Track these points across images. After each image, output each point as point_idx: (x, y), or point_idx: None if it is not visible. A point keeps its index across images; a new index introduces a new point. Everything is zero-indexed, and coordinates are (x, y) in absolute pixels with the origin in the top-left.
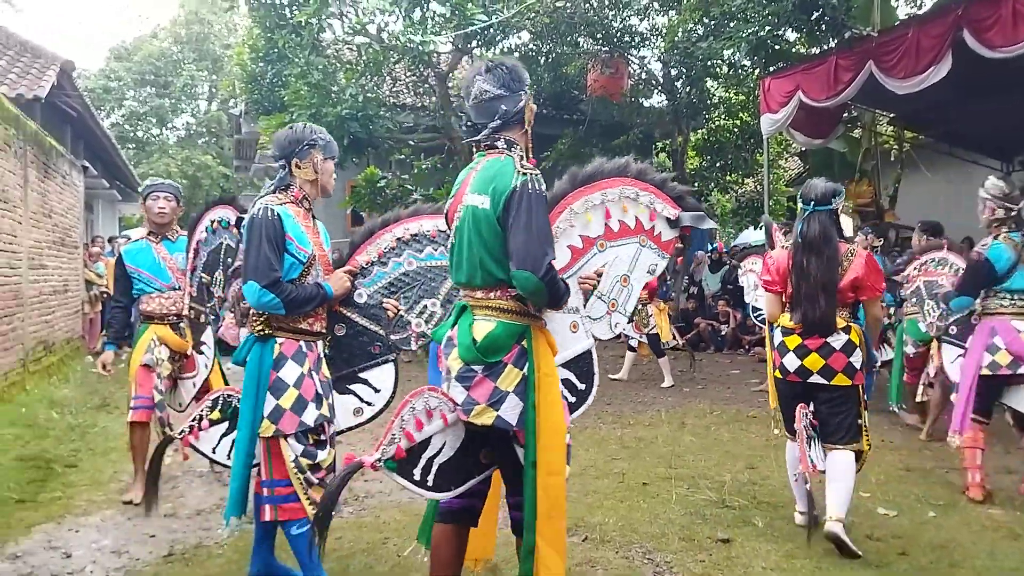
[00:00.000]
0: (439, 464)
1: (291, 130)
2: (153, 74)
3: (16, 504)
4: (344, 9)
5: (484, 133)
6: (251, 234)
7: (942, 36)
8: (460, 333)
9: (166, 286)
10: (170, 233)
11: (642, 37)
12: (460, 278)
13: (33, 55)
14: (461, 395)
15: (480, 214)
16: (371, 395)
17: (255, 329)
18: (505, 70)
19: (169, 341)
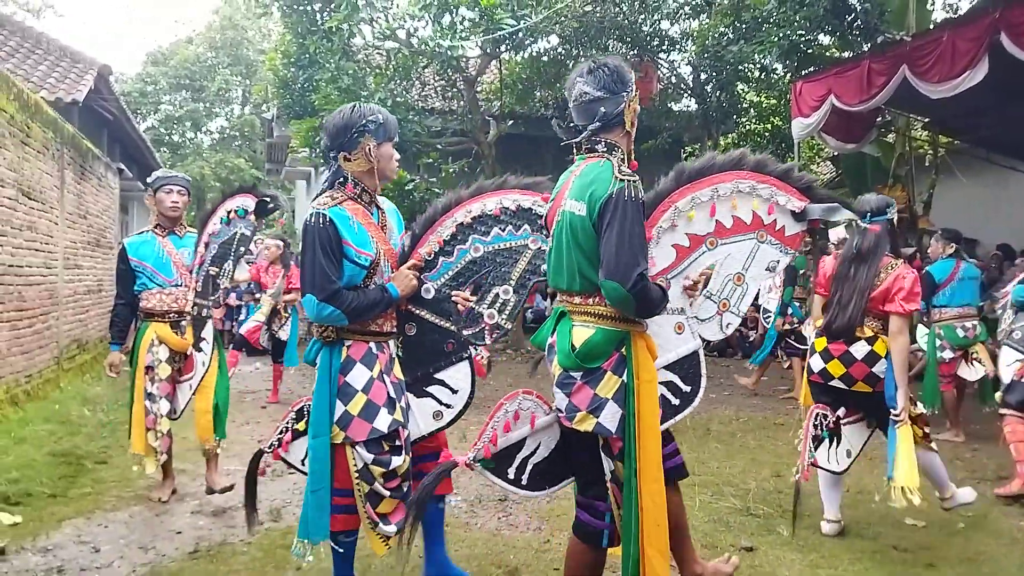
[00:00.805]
0: (533, 464)
1: (339, 115)
2: (188, 79)
3: (48, 499)
4: (374, 15)
5: (584, 135)
6: (305, 244)
7: (978, 40)
8: (559, 339)
9: (169, 282)
10: (178, 228)
11: (672, 41)
12: (559, 283)
13: (72, 60)
14: (563, 401)
15: (576, 221)
16: (449, 396)
17: (320, 333)
18: (607, 72)
19: (169, 341)
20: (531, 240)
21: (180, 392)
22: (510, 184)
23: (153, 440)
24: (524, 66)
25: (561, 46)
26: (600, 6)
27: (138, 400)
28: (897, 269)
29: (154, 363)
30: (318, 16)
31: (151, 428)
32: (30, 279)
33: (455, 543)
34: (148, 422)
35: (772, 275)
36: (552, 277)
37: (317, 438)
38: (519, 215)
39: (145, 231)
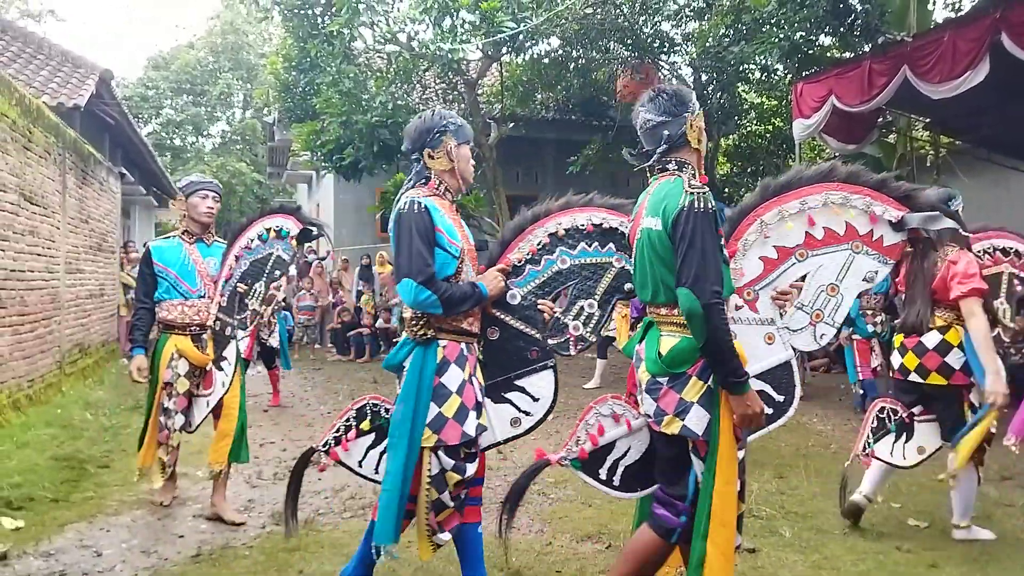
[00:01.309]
0: (624, 466)
1: (420, 119)
2: (190, 83)
3: (50, 503)
4: (375, 18)
5: (654, 158)
6: (400, 229)
7: (979, 40)
8: (647, 348)
9: (192, 292)
10: (206, 236)
11: (673, 43)
12: (645, 296)
13: (74, 65)
14: (651, 406)
15: (654, 236)
16: (529, 404)
17: (415, 332)
18: (666, 97)
19: (190, 355)
20: (615, 259)
21: (196, 406)
22: (597, 202)
23: (164, 454)
24: (525, 68)
25: (562, 48)
26: (601, 8)
27: (154, 414)
28: (949, 255)
29: (173, 379)
30: (319, 20)
31: (163, 443)
32: (32, 284)
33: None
34: (161, 437)
35: (870, 285)
36: (639, 291)
37: (403, 440)
38: (606, 233)
39: (172, 236)
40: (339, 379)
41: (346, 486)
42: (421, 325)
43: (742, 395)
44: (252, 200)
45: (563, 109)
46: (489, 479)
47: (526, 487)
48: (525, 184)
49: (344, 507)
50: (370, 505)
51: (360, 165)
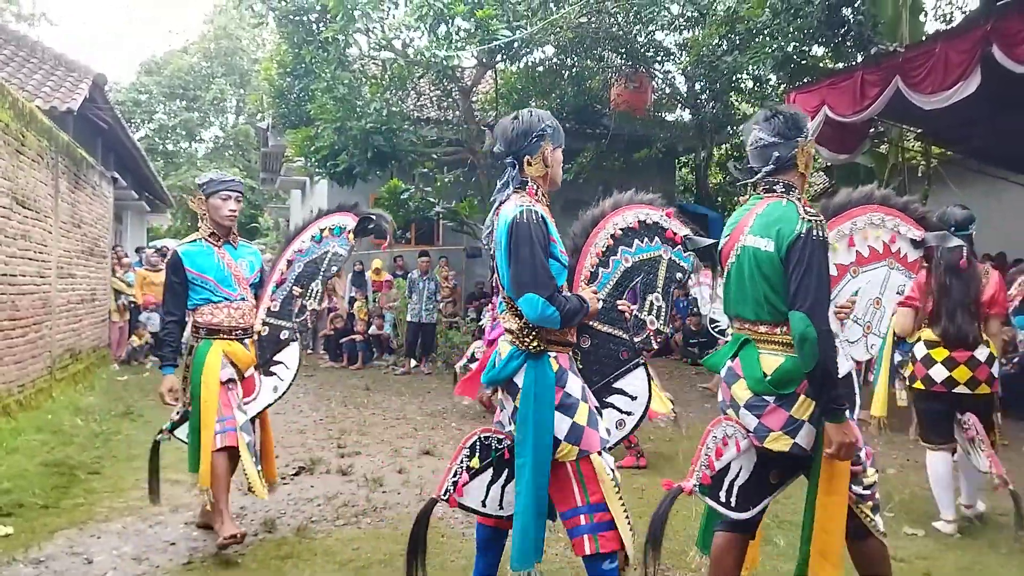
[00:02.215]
0: (738, 486)
1: (516, 121)
2: (182, 88)
3: (40, 509)
4: (370, 25)
5: (759, 177)
6: (520, 240)
7: (970, 51)
8: (746, 366)
9: (234, 296)
10: (232, 238)
11: (667, 52)
12: (742, 313)
13: (67, 69)
14: (753, 422)
15: (763, 256)
16: (629, 404)
17: (527, 344)
18: (782, 119)
19: (238, 357)
20: (663, 251)
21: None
22: (636, 199)
23: (250, 461)
24: (519, 76)
25: (556, 56)
26: (595, 17)
27: (208, 424)
28: (993, 275)
29: (233, 376)
30: (314, 26)
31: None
32: (23, 288)
33: (452, 553)
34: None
35: (900, 298)
36: (732, 306)
37: (529, 458)
38: (651, 228)
39: (196, 240)
40: (332, 386)
41: (339, 493)
42: (533, 337)
43: (841, 423)
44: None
45: (557, 117)
46: None
47: (666, 519)
48: None
49: (337, 515)
50: (363, 512)
51: (354, 171)
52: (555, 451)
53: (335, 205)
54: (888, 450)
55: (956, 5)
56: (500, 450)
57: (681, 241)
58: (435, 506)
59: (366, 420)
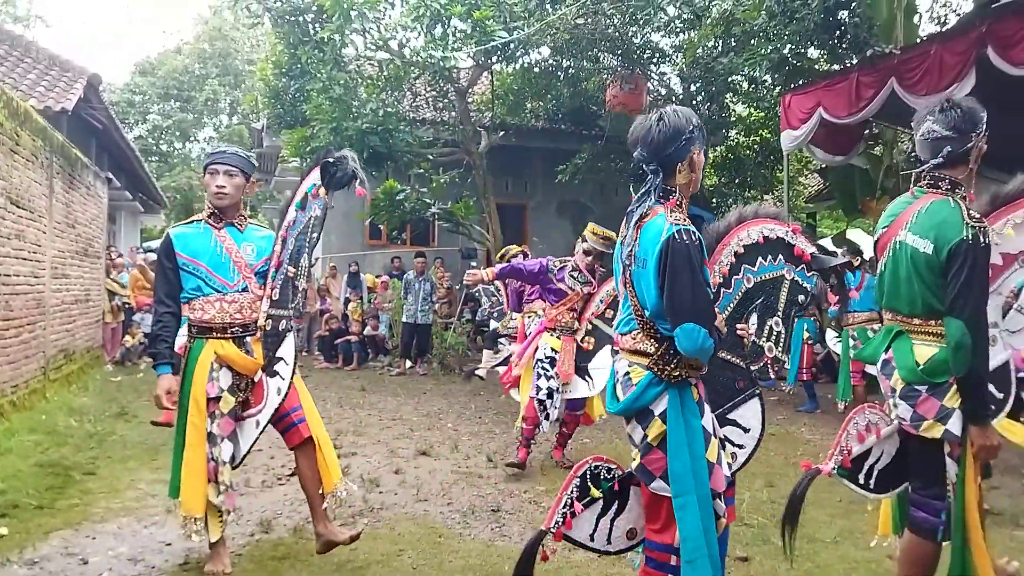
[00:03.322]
0: (878, 470)
1: (661, 123)
2: (177, 88)
3: (35, 510)
4: (367, 25)
5: (926, 168)
6: (678, 263)
7: (965, 53)
8: (900, 356)
9: (231, 286)
10: (236, 219)
11: (662, 54)
12: (897, 306)
13: (61, 68)
14: (907, 411)
15: (920, 257)
16: (741, 437)
17: (669, 372)
18: (958, 113)
19: (236, 361)
20: (786, 271)
21: (244, 432)
22: (761, 213)
23: (215, 496)
24: (515, 77)
25: (552, 58)
26: (592, 18)
27: (193, 444)
28: None
29: (218, 393)
30: (310, 26)
31: (212, 480)
32: (17, 288)
33: (448, 554)
34: (209, 471)
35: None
36: (888, 299)
37: (701, 492)
38: (775, 245)
39: (195, 220)
40: (327, 387)
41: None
42: (676, 364)
43: (985, 427)
44: None
45: (553, 118)
46: (479, 487)
47: (803, 498)
48: (515, 192)
49: (334, 515)
50: (359, 513)
51: None
52: None
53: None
54: None
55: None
56: (611, 481)
57: (808, 259)
58: (543, 538)
59: (362, 421)
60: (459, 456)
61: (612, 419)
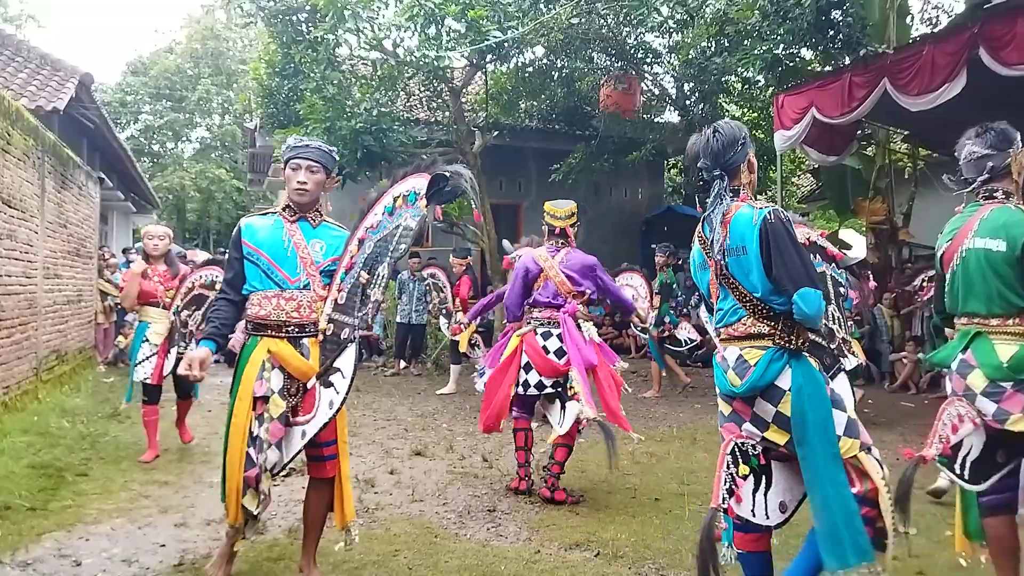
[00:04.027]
0: (971, 462)
1: (718, 134)
2: (169, 88)
3: (27, 512)
4: (360, 25)
5: (976, 185)
6: (781, 238)
7: (957, 53)
8: (982, 355)
9: (291, 282)
10: (311, 214)
11: (656, 54)
12: (971, 308)
13: (53, 68)
14: (991, 408)
15: (996, 256)
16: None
17: (794, 343)
18: (994, 134)
19: (289, 362)
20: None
21: (290, 439)
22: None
23: (252, 503)
24: (509, 77)
25: (546, 58)
26: (585, 18)
27: (236, 444)
28: None
29: (267, 393)
30: (303, 26)
31: (253, 487)
32: (9, 288)
33: (445, 553)
34: (249, 477)
35: None
36: (962, 305)
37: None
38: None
39: (270, 211)
40: None
41: None
42: (796, 335)
43: None
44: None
45: (547, 118)
46: (475, 487)
47: (911, 484)
48: (509, 192)
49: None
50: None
51: (344, 172)
52: None
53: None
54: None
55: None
56: (756, 455)
57: (840, 258)
58: (715, 518)
59: (356, 421)
60: (454, 456)
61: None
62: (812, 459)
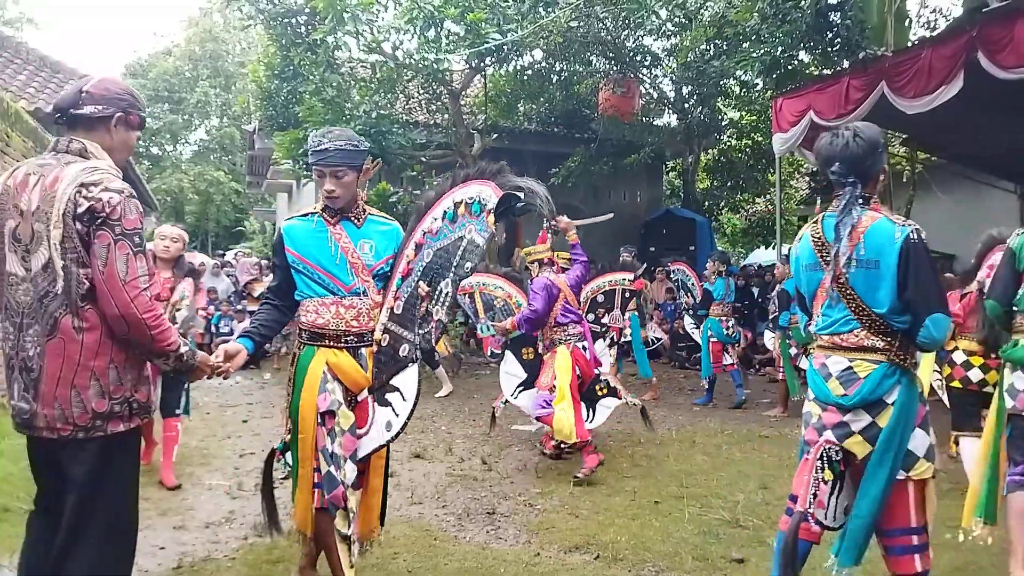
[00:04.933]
0: None
1: (858, 139)
2: (167, 91)
3: (26, 514)
4: (360, 27)
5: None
6: (921, 261)
7: (954, 56)
8: None
9: (347, 289)
10: (354, 213)
11: (655, 57)
12: None
13: (52, 70)
14: None
15: None
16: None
17: (906, 362)
18: None
19: (347, 374)
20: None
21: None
22: None
23: (343, 524)
24: (508, 80)
25: (545, 60)
26: (584, 22)
27: (303, 459)
28: None
29: (333, 406)
30: (303, 28)
31: (340, 506)
32: None
33: (443, 557)
34: (337, 497)
35: None
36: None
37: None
38: None
39: (310, 213)
40: None
41: None
42: (909, 354)
43: None
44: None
45: (546, 121)
46: (474, 490)
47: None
48: None
49: None
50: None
51: None
52: (911, 468)
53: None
54: None
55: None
56: (838, 462)
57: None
58: (803, 520)
59: None
60: (453, 459)
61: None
62: (880, 473)
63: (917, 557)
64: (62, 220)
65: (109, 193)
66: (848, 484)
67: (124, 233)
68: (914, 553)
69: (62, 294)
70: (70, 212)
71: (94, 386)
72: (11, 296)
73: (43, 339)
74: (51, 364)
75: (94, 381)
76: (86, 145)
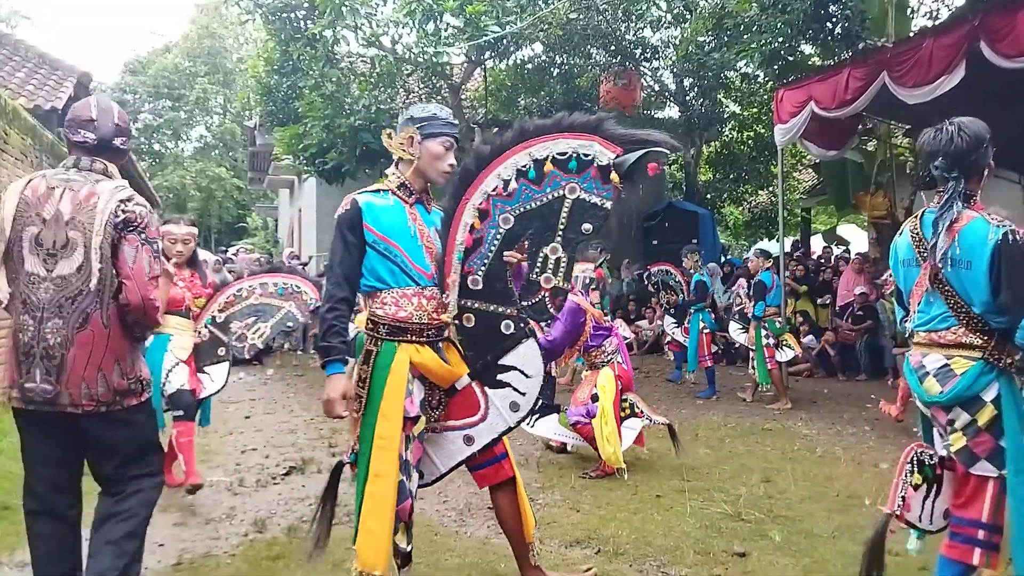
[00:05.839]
0: None
1: (963, 133)
2: (167, 87)
3: None
4: (358, 21)
5: None
6: (1017, 260)
7: (956, 46)
8: None
9: (427, 276)
10: (425, 196)
11: (655, 49)
12: None
13: (51, 67)
14: None
15: None
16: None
17: (1003, 361)
18: None
19: (432, 371)
20: None
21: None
22: None
23: (403, 539)
24: (508, 74)
25: (545, 53)
26: (584, 14)
27: (382, 473)
28: None
29: (418, 412)
30: (302, 23)
31: (404, 520)
32: None
33: (445, 551)
34: (403, 510)
35: None
36: None
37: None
38: None
39: (382, 190)
40: (322, 385)
41: None
42: (1009, 353)
43: None
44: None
45: (547, 115)
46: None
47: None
48: None
49: None
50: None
51: (343, 169)
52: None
53: (321, 202)
54: (881, 445)
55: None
56: (933, 466)
57: None
58: (889, 521)
59: None
60: None
61: None
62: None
63: (978, 551)
64: (103, 229)
65: (140, 207)
66: (947, 488)
67: (148, 240)
68: (976, 546)
69: (95, 292)
70: (111, 222)
71: (116, 368)
72: (30, 293)
73: (72, 331)
74: (80, 351)
75: (116, 364)
76: (107, 167)
